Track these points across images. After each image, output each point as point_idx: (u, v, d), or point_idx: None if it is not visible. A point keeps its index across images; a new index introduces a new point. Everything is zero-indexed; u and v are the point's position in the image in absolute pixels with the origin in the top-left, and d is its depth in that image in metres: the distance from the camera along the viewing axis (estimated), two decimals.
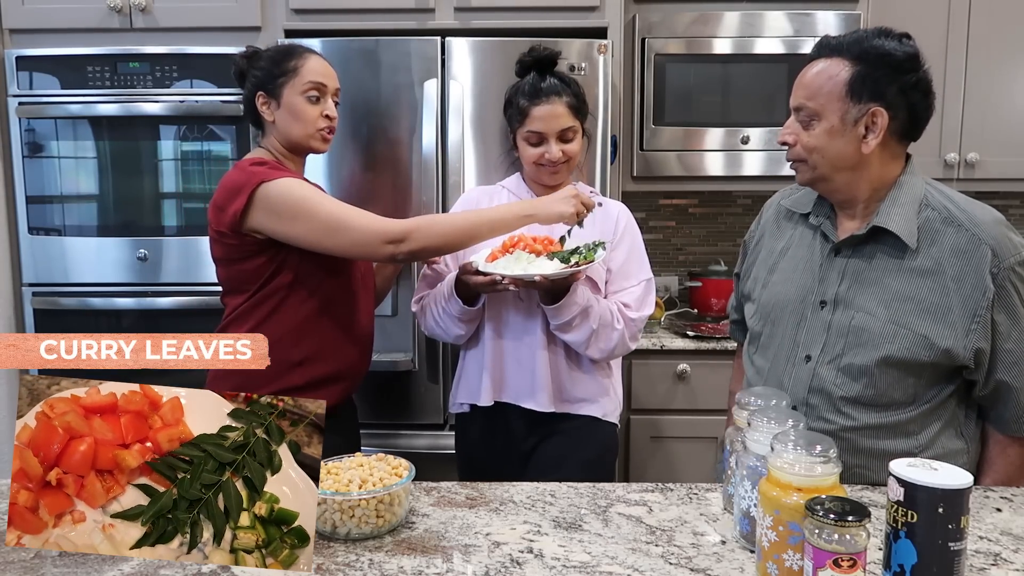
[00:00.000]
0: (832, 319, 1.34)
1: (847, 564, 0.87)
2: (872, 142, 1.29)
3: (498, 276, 1.59)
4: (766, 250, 1.51)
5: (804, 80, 1.33)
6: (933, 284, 1.28)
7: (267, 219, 1.56)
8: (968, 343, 1.27)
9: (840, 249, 1.37)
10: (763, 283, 1.48)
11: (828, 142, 1.30)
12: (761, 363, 1.46)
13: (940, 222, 1.30)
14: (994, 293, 1.25)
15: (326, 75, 1.68)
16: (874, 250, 1.33)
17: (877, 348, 1.29)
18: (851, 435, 1.32)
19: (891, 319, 1.29)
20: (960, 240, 1.28)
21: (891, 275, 1.31)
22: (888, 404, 1.31)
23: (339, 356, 1.69)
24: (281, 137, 1.68)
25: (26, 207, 2.44)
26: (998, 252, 1.26)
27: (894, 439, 1.31)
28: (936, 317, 1.27)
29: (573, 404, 1.76)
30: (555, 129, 1.71)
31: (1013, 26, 2.67)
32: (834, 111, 1.29)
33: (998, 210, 1.35)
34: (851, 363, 1.31)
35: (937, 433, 1.32)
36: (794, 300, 1.40)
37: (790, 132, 1.35)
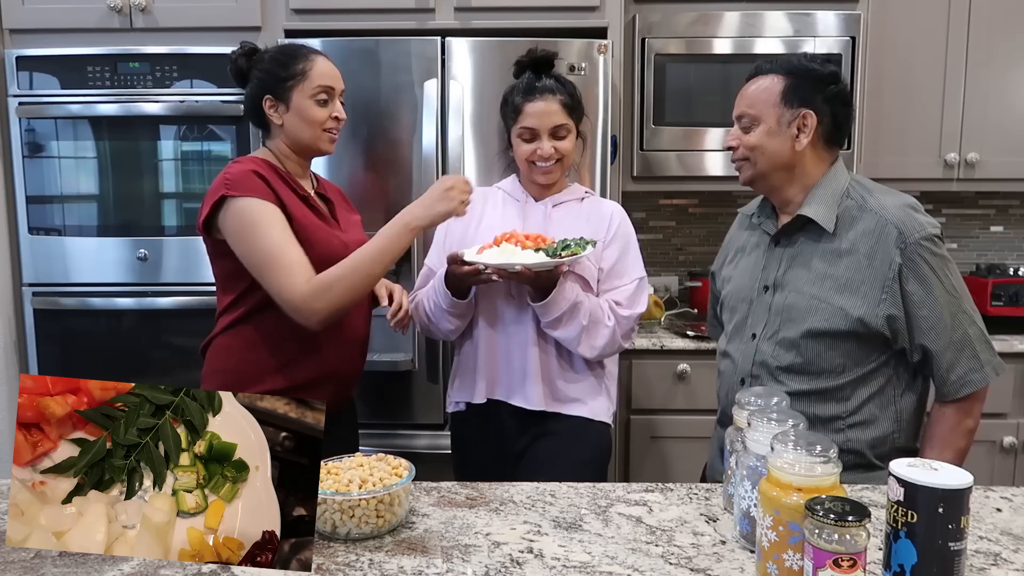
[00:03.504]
0: (772, 301, 1.53)
1: (847, 564, 0.87)
2: (804, 140, 1.49)
3: (481, 265, 1.60)
4: (732, 252, 1.70)
5: (746, 93, 1.54)
6: (849, 262, 1.45)
7: (225, 231, 1.58)
8: (879, 312, 1.42)
9: (779, 240, 1.55)
10: (726, 279, 1.68)
11: (767, 140, 1.50)
12: (723, 347, 1.65)
13: (856, 210, 1.48)
14: (900, 265, 1.41)
15: (334, 77, 1.68)
16: (803, 239, 1.52)
17: (803, 322, 1.47)
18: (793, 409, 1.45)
19: (813, 295, 1.47)
20: (870, 223, 1.46)
21: (816, 258, 1.49)
22: (818, 372, 1.47)
23: (325, 359, 1.66)
24: (289, 139, 1.67)
25: (26, 207, 2.44)
26: (903, 229, 1.42)
27: (824, 403, 1.48)
28: (851, 290, 1.44)
29: (565, 404, 1.76)
30: (547, 125, 1.72)
31: (1013, 26, 2.67)
32: (771, 115, 1.49)
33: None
34: (784, 336, 1.50)
35: (866, 400, 1.47)
36: (746, 288, 1.59)
37: (733, 137, 1.55)
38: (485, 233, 1.77)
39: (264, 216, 1.56)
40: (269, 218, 1.56)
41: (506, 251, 1.62)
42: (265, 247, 1.54)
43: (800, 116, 1.48)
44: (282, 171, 1.66)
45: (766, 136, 1.49)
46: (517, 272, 1.59)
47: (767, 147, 1.50)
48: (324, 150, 1.70)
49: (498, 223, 1.78)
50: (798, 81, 1.48)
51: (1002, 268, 2.79)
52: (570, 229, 1.75)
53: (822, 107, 1.48)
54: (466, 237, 1.80)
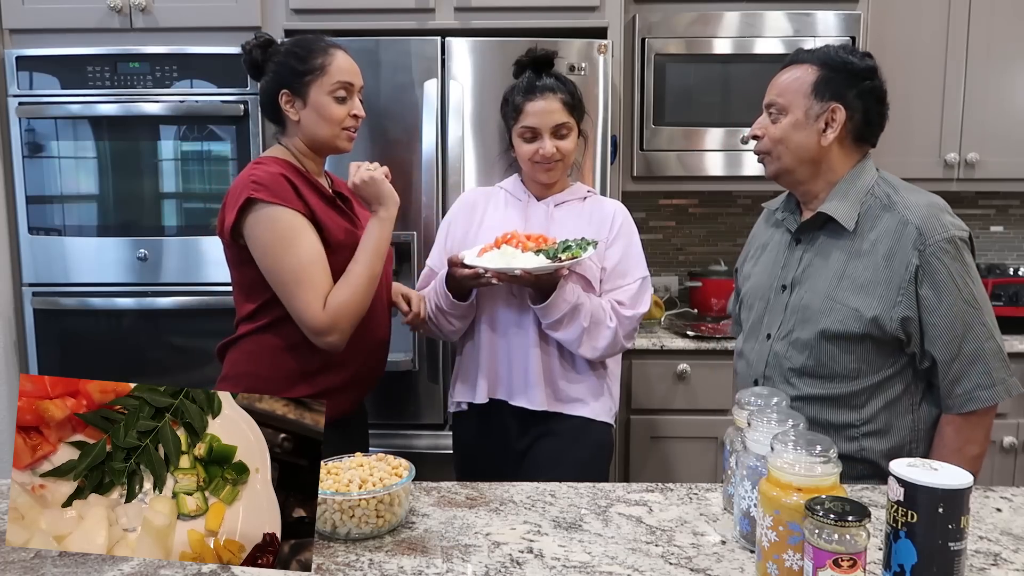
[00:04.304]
0: (789, 300, 1.49)
1: (847, 564, 0.87)
2: (830, 135, 1.43)
3: (481, 269, 1.60)
4: (754, 248, 1.66)
5: (777, 82, 1.49)
6: (867, 262, 1.41)
7: (250, 239, 1.54)
8: (894, 314, 1.37)
9: (800, 239, 1.51)
10: (746, 276, 1.64)
11: (792, 133, 1.45)
12: (740, 346, 1.61)
13: (879, 208, 1.43)
14: (918, 267, 1.36)
15: (353, 73, 1.63)
16: (825, 237, 1.47)
17: (817, 323, 1.43)
18: (798, 404, 1.42)
19: (829, 295, 1.42)
20: (892, 222, 1.40)
21: (836, 257, 1.44)
22: (831, 376, 1.43)
23: (351, 366, 1.64)
24: (306, 137, 1.62)
25: (26, 207, 2.44)
26: (923, 231, 1.37)
27: (837, 410, 1.43)
28: (867, 291, 1.39)
29: (566, 404, 1.76)
30: (549, 124, 1.71)
31: (1013, 26, 2.67)
32: (799, 106, 1.44)
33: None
34: (798, 337, 1.45)
35: (882, 408, 1.42)
36: (764, 286, 1.56)
37: (759, 126, 1.50)
38: (487, 233, 1.77)
39: (294, 231, 1.52)
40: (299, 233, 1.52)
41: (506, 254, 1.61)
42: (293, 265, 1.51)
43: (829, 110, 1.42)
44: (303, 172, 1.61)
45: (791, 128, 1.44)
46: (517, 276, 1.59)
47: (791, 140, 1.45)
48: (342, 148, 1.65)
49: (500, 223, 1.78)
50: (832, 73, 1.43)
51: (1002, 268, 2.79)
52: (572, 229, 1.75)
53: (854, 102, 1.43)
54: (467, 237, 1.80)
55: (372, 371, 1.73)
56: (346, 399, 1.66)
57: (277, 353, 1.60)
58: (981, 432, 1.41)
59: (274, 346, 1.60)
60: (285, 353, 1.59)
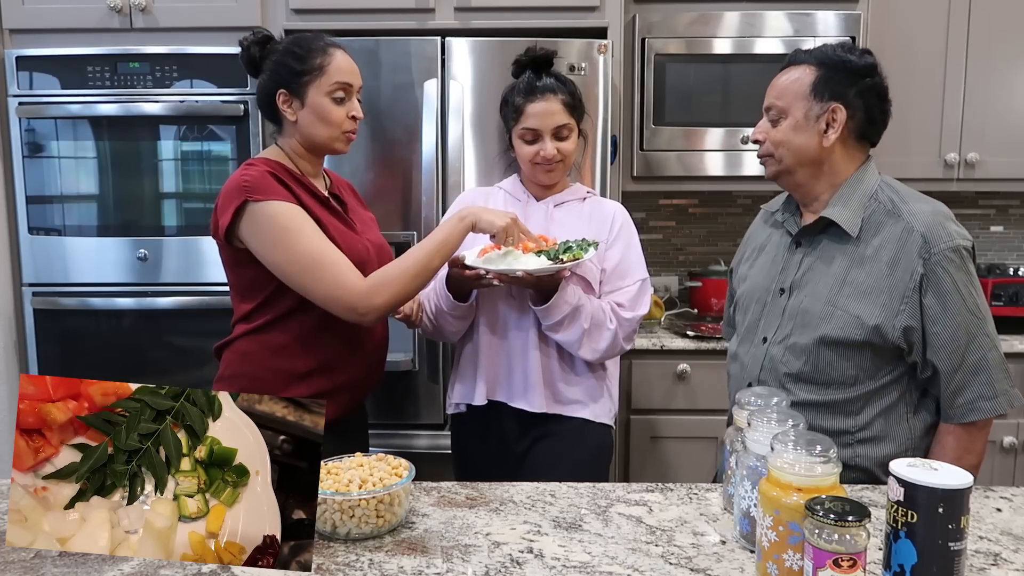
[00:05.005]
0: (787, 304, 1.47)
1: (847, 564, 0.87)
2: (832, 136, 1.42)
3: (482, 270, 1.59)
4: (750, 249, 1.64)
5: (776, 84, 1.48)
6: (870, 269, 1.39)
7: (251, 239, 1.52)
8: (897, 322, 1.36)
9: (800, 242, 1.49)
10: (742, 277, 1.62)
11: (793, 136, 1.43)
12: (734, 349, 1.60)
13: (883, 214, 1.41)
14: (922, 276, 1.35)
15: (352, 73, 1.61)
16: (826, 241, 1.45)
17: (817, 328, 1.41)
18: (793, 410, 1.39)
19: (829, 301, 1.41)
20: (896, 229, 1.39)
21: (837, 262, 1.42)
22: (827, 382, 1.41)
23: (347, 369, 1.63)
24: (303, 138, 1.61)
25: (26, 207, 2.44)
26: (929, 239, 1.35)
27: (832, 416, 1.42)
28: (870, 298, 1.38)
29: (566, 406, 1.75)
30: (550, 126, 1.71)
31: (1013, 26, 2.67)
32: (799, 108, 1.43)
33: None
34: (796, 342, 1.43)
35: (876, 416, 1.41)
36: (760, 289, 1.54)
37: (760, 130, 1.49)
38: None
39: (296, 219, 1.51)
40: (301, 220, 1.51)
41: (508, 255, 1.60)
42: (307, 250, 1.49)
43: (829, 110, 1.40)
44: (296, 173, 1.60)
45: (792, 131, 1.43)
46: (518, 277, 1.58)
47: (792, 143, 1.43)
48: (339, 150, 1.64)
49: None
50: (830, 73, 1.41)
51: (1002, 268, 2.79)
52: (572, 229, 1.75)
53: (854, 101, 1.41)
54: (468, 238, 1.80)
55: (365, 376, 1.71)
56: (341, 403, 1.64)
57: (271, 354, 1.59)
58: (980, 442, 1.40)
59: (268, 347, 1.59)
60: (279, 354, 1.59)
